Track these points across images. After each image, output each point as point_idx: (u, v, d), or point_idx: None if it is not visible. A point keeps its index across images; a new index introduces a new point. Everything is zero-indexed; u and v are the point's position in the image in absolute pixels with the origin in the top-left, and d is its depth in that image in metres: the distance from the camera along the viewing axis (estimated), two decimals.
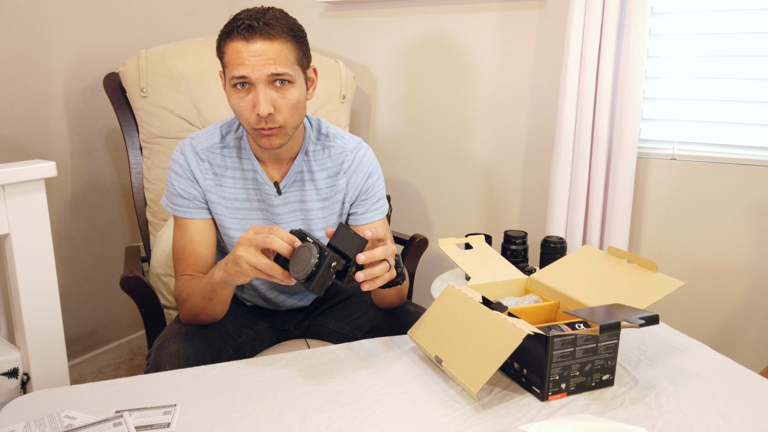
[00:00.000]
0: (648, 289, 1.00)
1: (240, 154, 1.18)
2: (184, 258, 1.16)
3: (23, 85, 1.80)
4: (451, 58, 2.03)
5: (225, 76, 1.09)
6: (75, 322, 2.05)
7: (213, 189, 1.17)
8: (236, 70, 1.03)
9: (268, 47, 1.02)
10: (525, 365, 0.92)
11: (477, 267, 1.16)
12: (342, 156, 1.23)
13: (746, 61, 1.64)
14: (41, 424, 0.83)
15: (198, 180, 1.17)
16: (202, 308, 1.10)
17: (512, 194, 2.03)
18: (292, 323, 1.38)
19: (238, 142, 1.19)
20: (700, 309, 1.80)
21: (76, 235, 2.01)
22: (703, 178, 1.73)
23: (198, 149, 1.17)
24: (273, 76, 1.04)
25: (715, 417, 0.85)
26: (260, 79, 1.03)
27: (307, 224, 1.23)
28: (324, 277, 0.89)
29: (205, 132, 1.20)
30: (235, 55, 1.03)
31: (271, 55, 1.02)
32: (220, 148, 1.18)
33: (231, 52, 1.04)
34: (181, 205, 1.17)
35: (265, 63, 1.02)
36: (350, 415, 0.85)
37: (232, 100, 1.07)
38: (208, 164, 1.17)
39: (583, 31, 1.69)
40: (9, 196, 1.15)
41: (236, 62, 1.03)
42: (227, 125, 1.21)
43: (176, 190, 1.17)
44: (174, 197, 1.17)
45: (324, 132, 1.24)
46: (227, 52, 1.05)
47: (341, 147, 1.23)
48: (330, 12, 2.20)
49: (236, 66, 1.03)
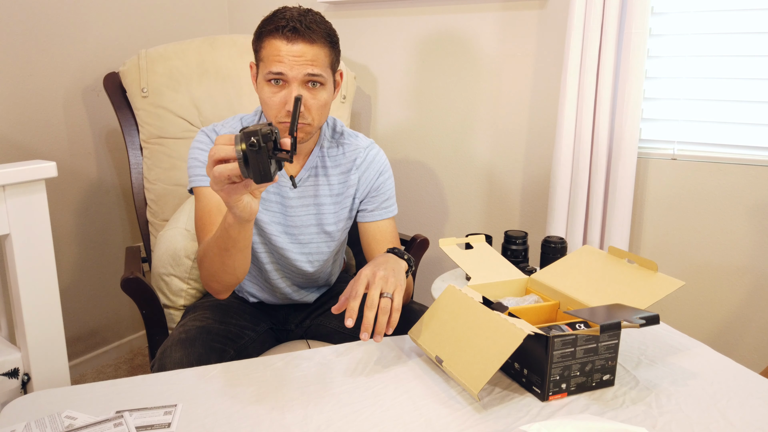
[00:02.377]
0: (648, 289, 1.00)
1: None
2: (203, 227, 1.17)
3: (23, 85, 1.80)
4: (452, 58, 2.03)
5: (258, 68, 1.13)
6: (75, 322, 2.05)
7: None
8: (274, 66, 1.08)
9: (307, 50, 1.08)
10: (525, 365, 0.92)
11: (477, 267, 1.16)
12: (355, 153, 1.28)
13: (746, 61, 1.64)
14: (42, 425, 0.83)
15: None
16: (221, 263, 1.06)
17: (512, 194, 2.03)
18: (294, 322, 1.38)
19: None
20: (700, 309, 1.80)
21: (76, 235, 2.01)
22: (703, 178, 1.73)
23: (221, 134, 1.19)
24: (308, 77, 1.09)
25: (716, 417, 0.85)
26: (296, 78, 1.09)
27: (319, 218, 1.27)
28: (257, 161, 0.80)
29: (226, 122, 1.25)
30: (275, 52, 1.08)
31: (309, 57, 1.08)
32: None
33: (271, 49, 1.08)
34: (203, 174, 1.18)
35: (303, 64, 1.08)
36: (350, 415, 0.85)
37: (264, 93, 1.11)
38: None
39: (584, 31, 1.69)
40: (9, 196, 1.15)
41: (275, 59, 1.08)
42: (248, 117, 1.25)
43: (201, 161, 1.19)
44: (197, 169, 1.19)
45: (339, 130, 1.30)
46: (266, 48, 1.09)
47: (354, 144, 1.29)
48: (330, 12, 2.20)
49: (275, 62, 1.08)
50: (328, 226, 1.27)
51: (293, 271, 1.30)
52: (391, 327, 0.96)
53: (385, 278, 0.98)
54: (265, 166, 0.81)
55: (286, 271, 1.31)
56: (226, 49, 1.84)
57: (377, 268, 1.00)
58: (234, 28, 2.44)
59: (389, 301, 0.96)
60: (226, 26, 2.44)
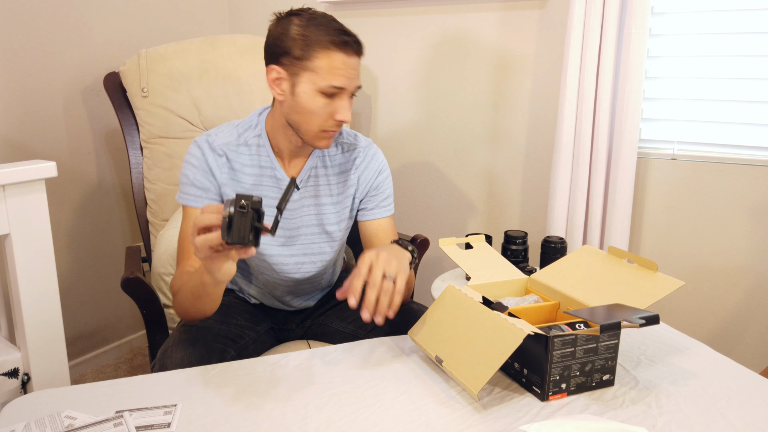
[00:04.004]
0: (648, 289, 1.00)
1: (259, 151, 1.20)
2: (184, 249, 1.17)
3: (23, 85, 1.80)
4: (452, 57, 2.03)
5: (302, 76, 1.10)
6: (75, 322, 2.05)
7: (229, 183, 1.19)
8: (337, 81, 1.09)
9: (357, 63, 1.12)
10: (525, 365, 0.92)
11: (477, 267, 1.16)
12: (354, 153, 1.28)
13: (746, 61, 1.64)
14: (41, 424, 0.83)
15: (214, 173, 1.18)
16: (191, 304, 1.09)
17: (512, 194, 2.03)
18: (295, 322, 1.38)
19: (257, 140, 1.21)
20: (700, 309, 1.80)
21: (76, 235, 2.01)
22: (703, 178, 1.73)
23: (214, 145, 1.19)
24: (356, 89, 1.14)
25: (716, 417, 0.85)
26: (352, 91, 1.13)
27: (320, 218, 1.26)
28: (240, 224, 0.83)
29: (220, 130, 1.22)
30: (337, 65, 1.09)
31: (358, 71, 1.13)
32: (236, 146, 1.20)
33: (331, 62, 1.08)
34: (192, 194, 1.18)
35: (355, 77, 1.12)
36: (350, 415, 0.85)
37: (315, 104, 1.10)
38: (225, 159, 1.19)
39: (584, 31, 1.69)
40: (9, 196, 1.15)
41: (339, 73, 1.09)
42: (243, 125, 1.23)
43: (190, 180, 1.18)
44: (186, 187, 1.19)
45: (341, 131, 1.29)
46: (323, 59, 1.08)
47: (353, 144, 1.29)
48: (330, 12, 2.19)
49: (338, 77, 1.09)
50: (329, 226, 1.27)
51: (294, 280, 1.30)
52: (393, 310, 0.96)
53: (388, 260, 0.99)
54: (245, 231, 0.83)
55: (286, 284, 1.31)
56: (226, 49, 1.84)
57: (381, 251, 1.01)
58: (234, 28, 2.44)
59: (392, 283, 0.97)
60: (226, 26, 2.44)
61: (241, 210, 0.82)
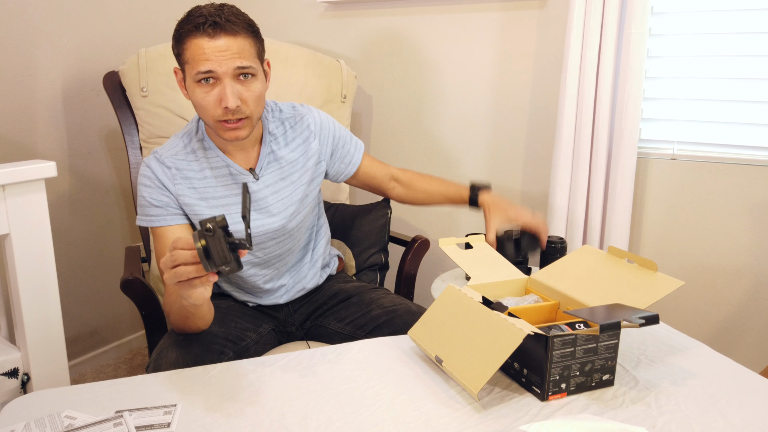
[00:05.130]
0: (648, 289, 1.00)
1: (207, 154, 1.20)
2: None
3: (23, 85, 1.80)
4: (452, 57, 2.03)
5: (185, 72, 1.11)
6: (75, 322, 2.05)
7: (187, 192, 1.18)
8: (202, 66, 1.06)
9: (232, 42, 1.06)
10: (525, 365, 0.92)
11: (477, 267, 1.16)
12: (303, 121, 1.29)
13: (746, 61, 1.64)
14: (41, 424, 0.83)
15: (167, 187, 1.18)
16: (183, 324, 1.11)
17: (512, 194, 2.03)
18: (295, 324, 1.38)
19: (202, 144, 1.21)
20: (700, 309, 1.80)
21: (76, 235, 2.01)
22: (703, 178, 1.73)
23: (162, 158, 1.19)
24: (238, 70, 1.08)
25: (715, 417, 0.85)
26: (226, 73, 1.07)
27: (290, 198, 1.26)
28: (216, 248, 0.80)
29: (166, 145, 1.23)
30: (199, 51, 1.06)
31: (235, 50, 1.07)
32: (185, 154, 1.20)
33: (194, 49, 1.06)
34: (155, 215, 1.18)
35: (231, 57, 1.06)
36: (350, 415, 0.85)
37: (196, 96, 1.09)
38: (175, 170, 1.19)
39: (583, 31, 1.69)
40: (9, 196, 1.15)
41: (201, 58, 1.06)
42: (185, 133, 1.23)
43: (147, 201, 1.18)
44: (146, 209, 1.18)
45: (277, 108, 1.29)
46: (189, 49, 1.07)
47: (297, 115, 1.30)
48: (330, 12, 2.20)
49: (201, 61, 1.06)
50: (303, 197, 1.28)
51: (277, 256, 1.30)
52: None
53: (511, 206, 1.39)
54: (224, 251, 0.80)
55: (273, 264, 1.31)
56: None
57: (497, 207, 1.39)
58: None
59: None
60: None
61: (208, 233, 0.79)
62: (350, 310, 1.33)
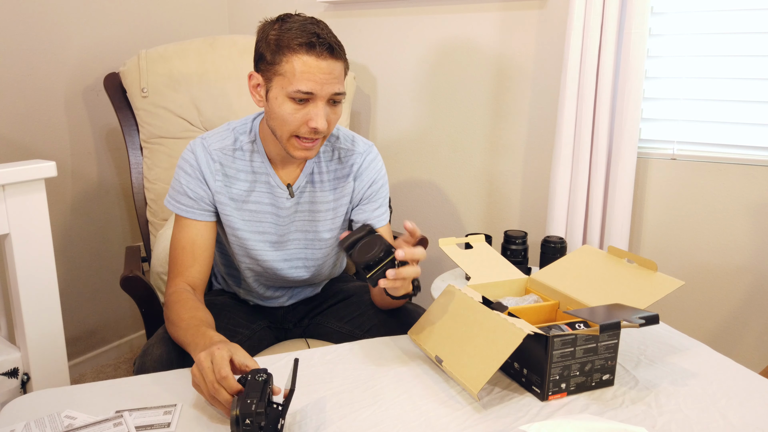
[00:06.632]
0: (648, 289, 1.00)
1: (253, 157, 1.18)
2: (182, 259, 1.16)
3: (23, 85, 1.80)
4: (451, 57, 2.03)
5: (273, 82, 1.06)
6: (75, 322, 2.05)
7: (222, 190, 1.17)
8: (304, 85, 1.03)
9: (334, 66, 1.05)
10: (525, 365, 0.92)
11: (477, 267, 1.16)
12: (351, 159, 1.24)
13: (746, 61, 1.64)
14: (41, 424, 0.83)
15: (207, 181, 1.16)
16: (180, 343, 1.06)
17: (512, 194, 2.03)
18: (292, 322, 1.38)
19: (252, 145, 1.18)
20: (700, 309, 1.80)
21: (76, 235, 2.01)
22: (703, 178, 1.73)
23: (210, 149, 1.16)
24: (334, 96, 1.06)
25: (715, 417, 0.85)
26: (324, 97, 1.05)
27: (314, 226, 1.24)
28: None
29: (218, 133, 1.19)
30: (305, 70, 1.03)
31: (336, 74, 1.05)
32: (233, 150, 1.18)
33: (300, 66, 1.03)
34: (186, 205, 1.16)
35: (331, 82, 1.05)
36: (350, 415, 0.85)
37: (284, 110, 1.06)
38: (219, 165, 1.16)
39: (583, 31, 1.69)
40: (9, 196, 1.15)
41: (306, 77, 1.03)
42: (240, 128, 1.20)
43: (183, 188, 1.16)
44: (180, 196, 1.17)
45: (335, 134, 1.25)
46: (292, 63, 1.03)
47: (351, 150, 1.24)
48: (330, 12, 2.20)
49: (305, 81, 1.03)
50: (324, 233, 1.25)
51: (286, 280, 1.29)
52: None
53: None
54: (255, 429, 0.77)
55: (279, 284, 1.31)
56: (226, 49, 1.84)
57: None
58: (234, 28, 2.44)
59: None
60: (226, 26, 2.44)
61: (246, 428, 0.76)
62: (349, 309, 1.33)
